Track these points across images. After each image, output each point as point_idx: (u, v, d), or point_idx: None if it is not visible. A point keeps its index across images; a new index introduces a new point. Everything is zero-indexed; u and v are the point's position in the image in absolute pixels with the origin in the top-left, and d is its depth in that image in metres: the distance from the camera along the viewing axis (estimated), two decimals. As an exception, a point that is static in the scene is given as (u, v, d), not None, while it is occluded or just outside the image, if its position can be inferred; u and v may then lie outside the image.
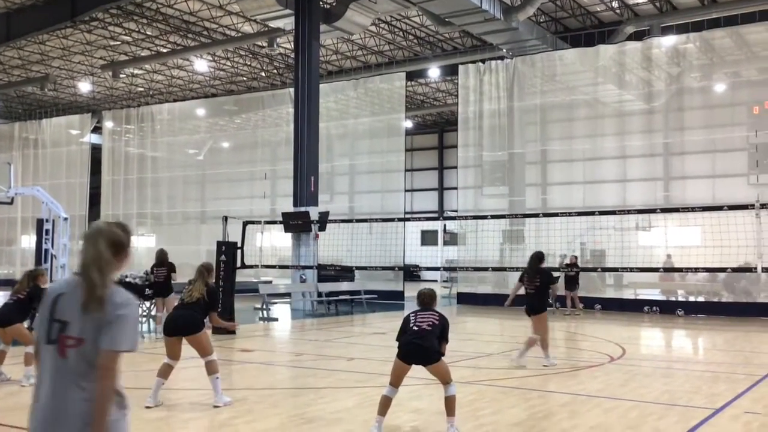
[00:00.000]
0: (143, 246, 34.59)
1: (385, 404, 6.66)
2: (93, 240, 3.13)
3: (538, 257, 11.24)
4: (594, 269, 22.84)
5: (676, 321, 19.81)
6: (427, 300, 6.94)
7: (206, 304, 8.13)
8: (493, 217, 21.19)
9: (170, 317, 8.19)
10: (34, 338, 3.87)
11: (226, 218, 17.05)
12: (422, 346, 6.56)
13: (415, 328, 6.66)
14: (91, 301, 3.01)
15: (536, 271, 11.07)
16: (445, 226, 38.61)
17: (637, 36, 25.33)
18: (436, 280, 38.22)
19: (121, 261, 3.24)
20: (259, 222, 18.37)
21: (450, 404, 6.62)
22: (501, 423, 7.26)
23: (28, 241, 31.95)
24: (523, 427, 7.10)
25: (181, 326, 7.98)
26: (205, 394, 8.53)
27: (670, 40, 24.00)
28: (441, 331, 6.70)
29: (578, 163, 26.32)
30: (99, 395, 2.97)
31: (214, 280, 8.83)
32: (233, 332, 14.68)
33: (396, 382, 6.71)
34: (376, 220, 22.96)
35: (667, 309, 21.53)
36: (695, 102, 23.98)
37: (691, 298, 22.82)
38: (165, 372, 7.95)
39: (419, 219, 34.34)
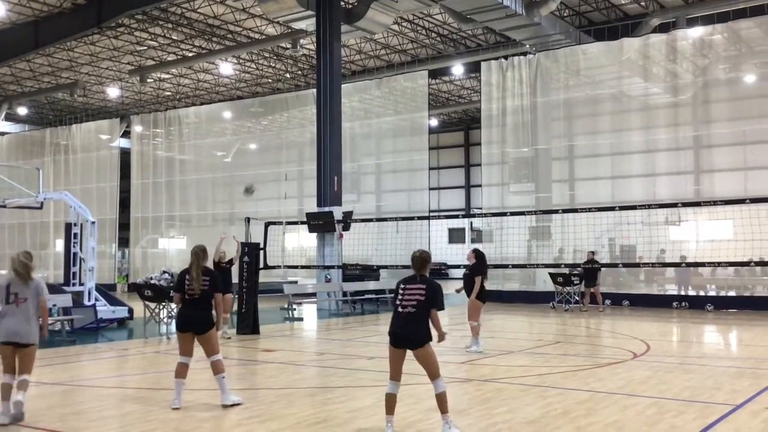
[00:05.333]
0: (174, 248, 35.06)
1: (390, 403, 6.61)
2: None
3: None
4: (615, 265, 22.60)
5: (705, 316, 19.52)
6: (419, 264, 6.70)
7: (212, 289, 8.07)
8: (513, 213, 21.05)
9: (181, 313, 8.24)
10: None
11: (248, 219, 17.19)
12: (405, 336, 6.51)
13: (400, 309, 6.56)
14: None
15: None
16: (471, 223, 38.46)
17: (663, 28, 24.99)
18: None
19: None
20: (281, 223, 18.47)
21: (441, 401, 6.51)
22: (515, 421, 7.22)
23: (62, 244, 32.54)
24: (537, 425, 7.06)
25: (193, 322, 8.05)
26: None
27: (696, 32, 23.63)
28: (431, 303, 6.52)
29: (605, 158, 26.06)
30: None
31: (209, 261, 8.49)
32: (257, 331, 14.86)
33: (395, 374, 6.61)
34: (397, 219, 22.93)
35: (696, 304, 21.24)
36: (724, 94, 23.60)
37: (722, 293, 22.48)
38: (182, 372, 8.04)
39: (439, 217, 34.18)
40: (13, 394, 7.24)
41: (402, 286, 6.65)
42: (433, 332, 6.61)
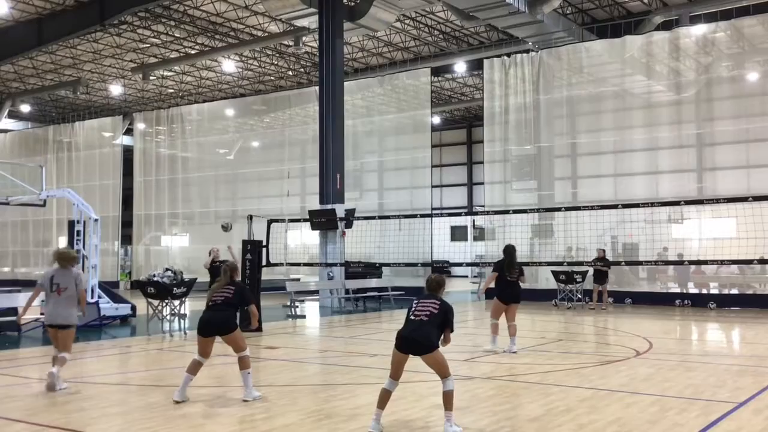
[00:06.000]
0: (177, 245, 35.11)
1: (384, 397, 6.73)
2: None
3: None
4: (618, 263, 22.62)
5: (707, 314, 19.52)
6: (433, 286, 6.99)
7: (239, 302, 8.46)
8: (515, 212, 21.03)
9: (205, 318, 8.30)
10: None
11: (251, 217, 17.21)
12: (415, 339, 6.62)
13: (413, 317, 6.73)
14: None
15: (517, 263, 12.23)
16: (474, 221, 38.45)
17: (666, 26, 24.96)
18: (466, 276, 38.12)
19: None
20: (284, 220, 18.49)
21: (447, 399, 6.62)
22: (518, 418, 7.24)
23: (65, 242, 32.61)
24: (540, 423, 7.07)
25: (216, 327, 8.21)
26: (229, 390, 8.68)
27: (699, 29, 23.60)
28: (442, 319, 6.69)
29: (608, 155, 26.04)
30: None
31: (240, 279, 9.01)
32: (260, 329, 14.86)
33: (395, 374, 6.76)
34: (400, 217, 22.93)
35: (698, 302, 21.25)
36: (727, 91, 23.58)
37: (724, 291, 22.48)
38: (194, 368, 8.15)
39: (441, 215, 34.13)
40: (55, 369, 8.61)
41: (416, 300, 6.93)
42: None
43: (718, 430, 6.81)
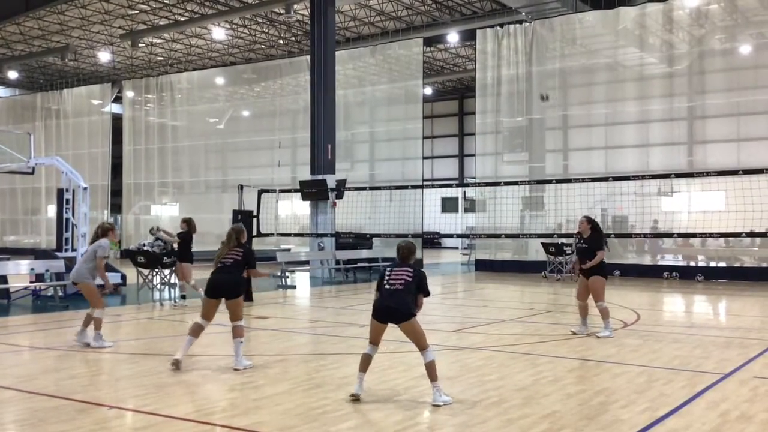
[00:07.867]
0: (167, 214, 35.00)
1: (365, 361, 6.85)
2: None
3: None
4: (607, 235, 22.71)
5: (695, 287, 19.67)
6: (405, 254, 7.02)
7: (246, 264, 8.42)
8: (506, 183, 21.07)
9: (214, 280, 8.30)
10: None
11: (241, 187, 17.15)
12: (391, 307, 6.70)
13: (387, 286, 6.80)
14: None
15: None
16: (465, 193, 38.47)
17: (660, -3, 24.79)
18: (456, 247, 38.24)
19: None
20: (274, 190, 18.45)
21: (431, 370, 6.67)
22: (506, 388, 7.30)
23: (54, 210, 32.44)
24: (528, 392, 7.13)
25: (225, 289, 8.22)
26: (220, 359, 8.71)
27: (693, 1, 23.44)
28: (417, 286, 6.79)
29: (599, 128, 26.03)
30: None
31: (246, 240, 8.96)
32: (251, 299, 14.91)
33: (374, 340, 6.89)
34: (391, 188, 22.91)
35: (687, 275, 21.40)
36: (719, 64, 23.50)
37: (712, 264, 22.65)
38: (196, 331, 8.26)
39: (433, 186, 34.09)
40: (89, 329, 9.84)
41: (388, 270, 6.99)
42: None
43: (703, 400, 6.88)
